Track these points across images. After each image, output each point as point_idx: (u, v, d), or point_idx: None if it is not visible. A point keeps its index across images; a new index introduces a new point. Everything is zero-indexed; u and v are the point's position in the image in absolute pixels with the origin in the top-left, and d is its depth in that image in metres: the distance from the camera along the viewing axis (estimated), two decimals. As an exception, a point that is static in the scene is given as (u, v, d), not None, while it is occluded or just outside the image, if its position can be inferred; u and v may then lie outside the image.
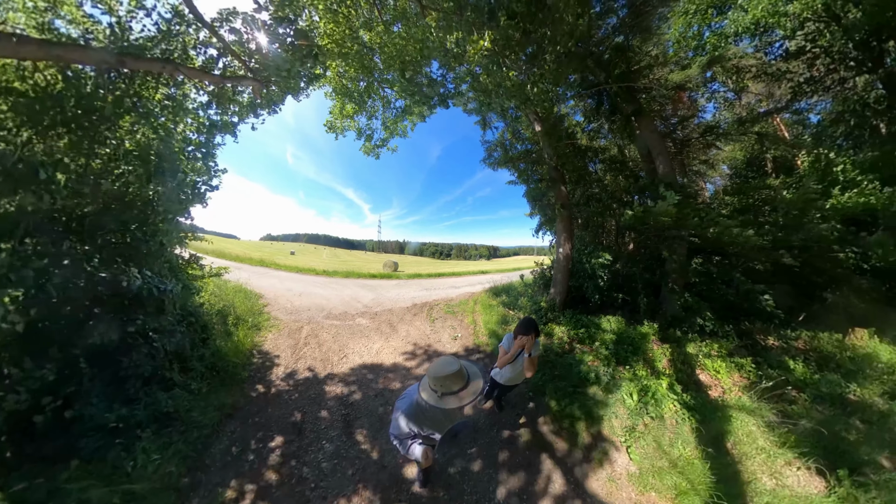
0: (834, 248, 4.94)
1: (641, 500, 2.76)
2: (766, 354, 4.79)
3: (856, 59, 6.16)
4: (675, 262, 5.73)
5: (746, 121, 6.72)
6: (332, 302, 7.89)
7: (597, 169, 8.31)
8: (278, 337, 5.42)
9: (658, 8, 5.56)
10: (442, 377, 1.76)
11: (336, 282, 11.85)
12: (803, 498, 2.68)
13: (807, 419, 3.42)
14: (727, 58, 6.14)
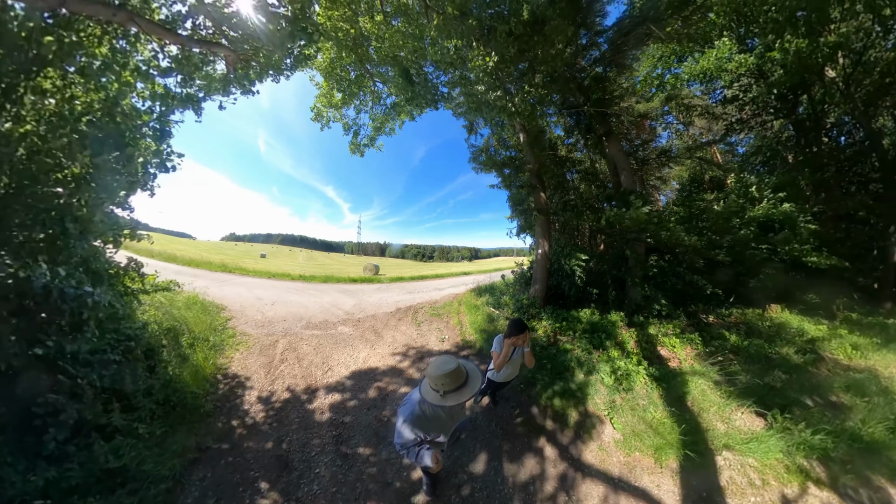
0: (752, 246, 5.89)
1: (629, 461, 2.91)
2: (709, 329, 5.53)
3: (775, 107, 7.73)
4: (636, 260, 6.35)
5: (692, 148, 8.04)
6: (310, 310, 6.90)
7: (573, 178, 8.72)
8: (248, 356, 4.43)
9: (633, 49, 6.29)
10: (442, 375, 1.68)
11: (314, 287, 10.39)
12: (750, 435, 3.15)
13: (743, 375, 4.02)
14: (681, 97, 7.19)
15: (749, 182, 6.67)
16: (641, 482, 2.70)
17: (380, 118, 6.14)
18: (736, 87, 7.62)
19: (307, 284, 11.15)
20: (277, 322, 5.92)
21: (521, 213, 8.16)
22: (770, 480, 2.67)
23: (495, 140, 8.18)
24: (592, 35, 6.30)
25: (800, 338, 5.27)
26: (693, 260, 6.14)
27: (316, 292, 9.37)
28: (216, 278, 10.36)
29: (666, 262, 6.90)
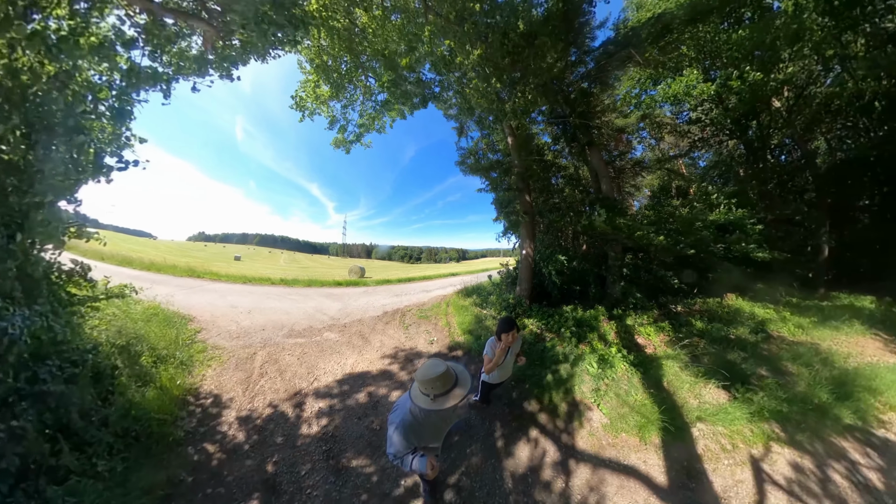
0: (711, 245, 6.42)
1: (617, 441, 2.98)
2: (678, 318, 5.90)
3: (730, 129, 8.68)
4: (615, 259, 6.60)
5: (661, 160, 8.77)
6: (293, 316, 6.28)
7: (558, 182, 8.82)
8: (222, 372, 3.83)
9: (615, 70, 6.70)
10: (431, 379, 1.59)
11: (297, 292, 9.33)
12: (718, 407, 3.42)
13: (708, 356, 4.38)
14: (654, 116, 7.78)
15: (708, 191, 7.37)
16: (630, 460, 2.76)
17: (369, 114, 5.57)
18: (699, 110, 8.66)
19: (289, 289, 9.94)
20: (255, 332, 5.22)
21: (507, 215, 7.98)
22: (739, 444, 2.94)
23: (484, 143, 7.98)
24: (581, 53, 6.56)
25: (752, 320, 5.86)
26: (663, 258, 6.66)
27: (299, 297, 8.49)
28: (182, 284, 8.87)
29: (640, 261, 7.39)
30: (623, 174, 8.82)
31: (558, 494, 2.40)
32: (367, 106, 5.53)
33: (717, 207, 6.85)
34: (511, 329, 2.42)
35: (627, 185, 9.16)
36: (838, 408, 3.47)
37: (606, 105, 7.75)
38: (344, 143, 5.80)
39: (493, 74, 4.57)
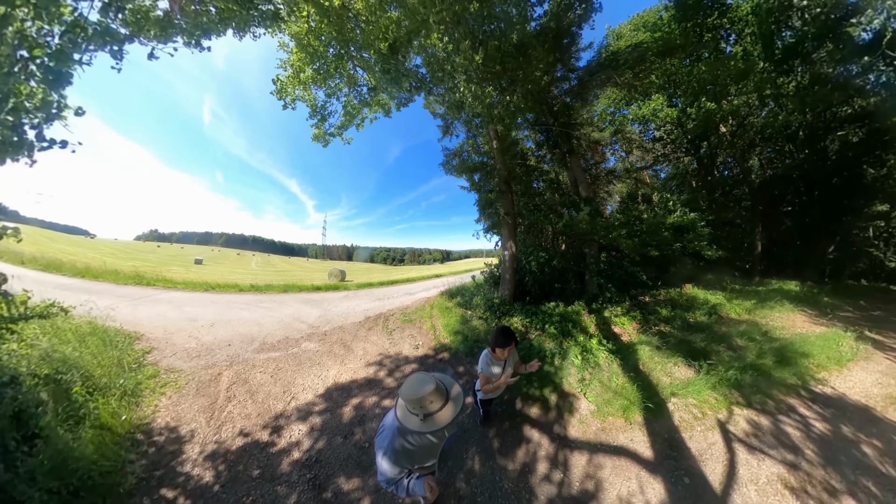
0: (670, 244, 7.08)
1: (605, 425, 3.03)
2: (646, 307, 6.30)
3: (686, 148, 9.93)
4: (591, 257, 6.91)
5: (630, 171, 9.66)
6: (265, 327, 5.47)
7: (540, 186, 9.00)
8: (180, 400, 3.15)
9: (595, 88, 7.18)
10: (420, 398, 1.33)
11: (271, 299, 8.07)
12: (687, 381, 3.70)
13: (673, 339, 4.79)
14: (625, 132, 8.45)
15: (667, 198, 8.14)
16: (618, 441, 2.82)
17: (354, 107, 5.03)
18: (662, 130, 10.04)
19: (261, 296, 8.47)
20: (219, 348, 4.40)
21: (489, 216, 7.88)
22: (707, 412, 3.23)
23: (470, 145, 7.70)
24: (566, 70, 6.93)
25: (706, 306, 6.53)
26: (632, 255, 7.21)
27: (273, 305, 7.36)
28: (127, 294, 7.21)
29: (613, 258, 7.91)
30: (598, 181, 9.44)
31: (558, 485, 2.35)
32: (352, 97, 4.97)
33: (674, 212, 7.60)
34: (509, 343, 2.10)
35: (602, 191, 9.80)
36: (781, 371, 4.00)
37: (585, 119, 8.27)
38: (323, 136, 5.24)
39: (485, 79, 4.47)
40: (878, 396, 3.74)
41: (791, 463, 2.61)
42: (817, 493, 2.33)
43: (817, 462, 2.63)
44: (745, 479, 2.40)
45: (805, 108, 7.93)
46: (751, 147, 9.97)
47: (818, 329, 5.75)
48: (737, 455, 2.65)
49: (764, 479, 2.43)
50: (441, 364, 4.32)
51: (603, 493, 2.26)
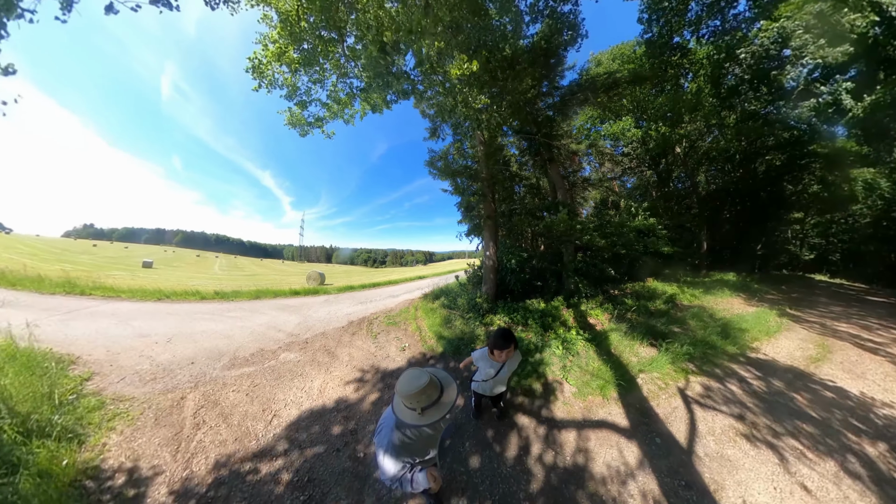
0: (635, 244, 7.83)
1: (586, 404, 3.18)
2: (616, 299, 6.80)
3: (648, 163, 11.62)
4: (569, 257, 7.27)
5: (602, 180, 10.57)
6: (235, 339, 4.74)
7: (521, 190, 9.23)
8: (135, 434, 2.55)
9: (575, 105, 7.72)
10: (416, 393, 1.33)
11: (240, 307, 6.98)
12: (651, 359, 4.09)
13: (638, 324, 5.25)
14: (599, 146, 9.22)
15: (632, 205, 9.02)
16: (598, 416, 3.00)
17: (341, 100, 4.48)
18: (629, 147, 11.59)
19: (229, 304, 7.23)
20: (181, 368, 3.67)
21: (471, 219, 7.78)
22: (668, 382, 3.61)
23: (456, 148, 7.68)
24: (551, 87, 7.36)
25: (664, 295, 7.29)
26: (603, 254, 7.82)
27: (243, 314, 6.37)
28: (55, 307, 5.79)
29: (588, 258, 8.53)
30: (574, 188, 10.07)
31: (551, 462, 2.43)
32: (340, 87, 4.32)
33: (637, 217, 8.46)
34: (507, 345, 2.03)
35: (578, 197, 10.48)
36: (724, 344, 4.69)
37: (565, 131, 8.81)
38: (301, 123, 4.47)
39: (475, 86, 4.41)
40: (800, 358, 4.56)
41: (739, 415, 3.06)
42: (762, 436, 2.76)
43: (759, 412, 3.11)
44: (703, 433, 2.77)
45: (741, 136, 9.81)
46: (699, 165, 12.18)
47: (751, 309, 6.77)
48: (695, 414, 3.04)
49: (719, 430, 2.83)
50: (429, 364, 4.18)
51: (591, 463, 2.41)
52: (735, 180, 12.01)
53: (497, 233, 6.73)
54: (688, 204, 12.29)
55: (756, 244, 13.20)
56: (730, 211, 12.64)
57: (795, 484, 2.28)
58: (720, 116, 8.54)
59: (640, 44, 7.93)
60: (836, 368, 4.28)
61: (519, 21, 5.10)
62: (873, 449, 2.69)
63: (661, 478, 2.24)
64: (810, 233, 15.63)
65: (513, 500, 2.08)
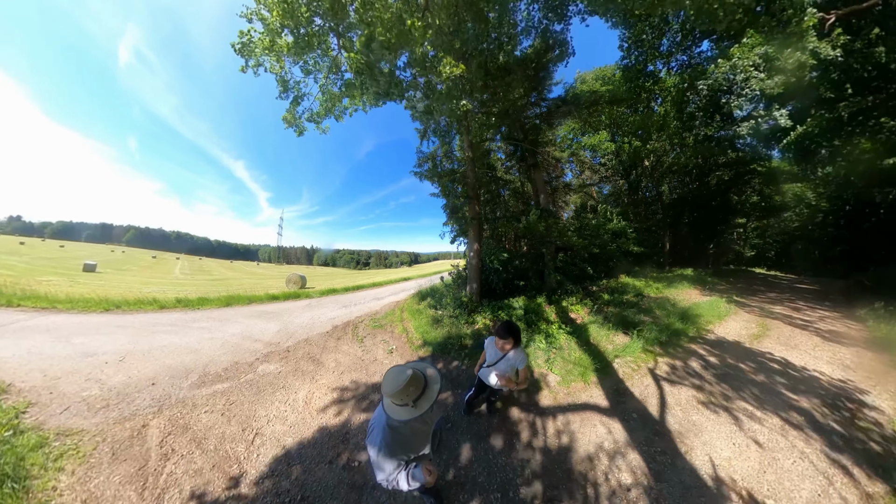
0: (610, 244, 8.52)
1: (569, 391, 3.33)
2: (593, 295, 7.17)
3: (622, 173, 12.89)
4: (550, 256, 7.38)
5: (582, 186, 11.46)
6: (204, 353, 4.13)
7: (505, 194, 9.44)
8: (90, 473, 2.10)
9: (559, 117, 8.13)
10: (402, 389, 1.31)
11: (209, 316, 6.13)
12: (625, 345, 4.43)
13: (613, 316, 5.64)
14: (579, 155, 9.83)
15: (608, 210, 9.69)
16: (581, 399, 3.15)
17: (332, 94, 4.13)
18: (605, 158, 13.08)
19: (195, 313, 6.29)
20: (139, 390, 3.10)
21: (457, 221, 7.60)
22: (640, 364, 3.94)
23: (443, 151, 7.57)
24: (539, 98, 7.69)
25: (634, 290, 7.86)
26: (582, 254, 8.32)
27: (213, 323, 5.61)
28: None
29: (568, 257, 8.99)
30: (556, 192, 10.60)
31: (541, 446, 2.51)
32: (331, 81, 4.03)
33: (612, 221, 9.12)
34: (507, 337, 2.03)
35: (560, 201, 11.04)
36: (685, 328, 5.24)
37: (550, 139, 9.27)
38: (296, 122, 4.24)
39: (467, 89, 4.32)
40: (745, 336, 5.22)
41: (699, 386, 3.45)
42: (718, 401, 3.16)
43: (715, 382, 3.55)
44: (671, 404, 3.10)
45: (698, 155, 11.30)
46: (663, 177, 13.57)
47: (705, 298, 7.58)
48: (664, 389, 3.39)
49: (684, 401, 3.17)
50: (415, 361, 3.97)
51: (578, 442, 2.53)
52: (692, 191, 13.87)
53: (482, 234, 6.80)
54: (654, 210, 13.87)
55: (709, 244, 15.46)
56: (688, 216, 14.28)
57: (749, 439, 2.60)
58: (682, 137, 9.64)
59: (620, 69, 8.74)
60: (774, 342, 4.94)
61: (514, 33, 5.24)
62: (808, 403, 3.17)
63: (640, 447, 2.45)
64: (751, 235, 18.55)
65: (511, 487, 2.09)
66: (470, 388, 2.82)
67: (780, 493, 2.09)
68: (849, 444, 2.56)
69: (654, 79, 8.29)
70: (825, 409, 3.09)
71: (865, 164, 7.66)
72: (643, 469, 2.23)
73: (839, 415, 2.99)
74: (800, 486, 2.16)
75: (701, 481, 2.15)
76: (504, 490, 2.08)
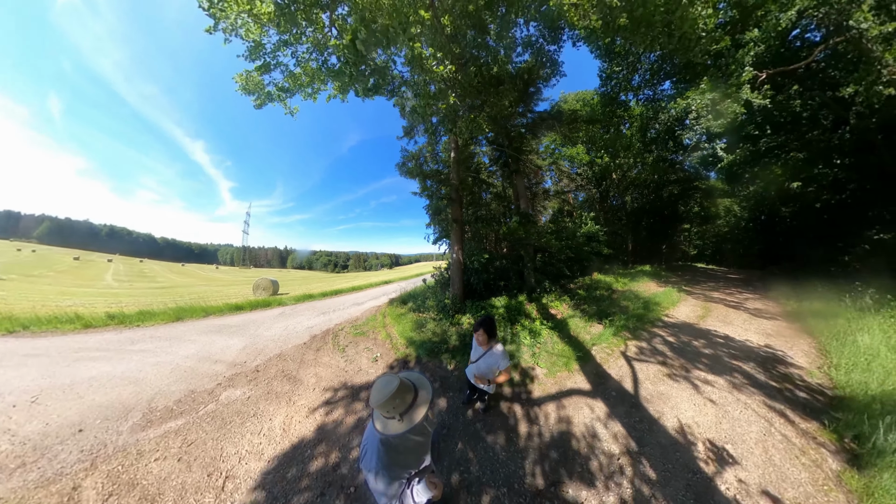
0: (583, 246, 9.26)
1: (555, 380, 3.46)
2: (571, 291, 7.58)
3: (594, 183, 14.63)
4: (529, 257, 7.55)
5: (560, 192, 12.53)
6: (148, 384, 3.36)
7: (487, 197, 9.52)
8: None
9: (543, 129, 8.68)
10: (390, 399, 1.19)
11: (153, 335, 5.09)
12: (600, 334, 4.86)
13: (589, 309, 6.12)
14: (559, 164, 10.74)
15: (582, 215, 10.60)
16: (567, 387, 3.31)
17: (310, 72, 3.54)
18: (581, 169, 15.04)
19: (133, 333, 5.16)
20: (62, 441, 2.41)
21: (439, 222, 7.50)
22: (614, 349, 4.37)
23: (429, 151, 7.37)
24: (526, 110, 8.07)
25: (606, 285, 8.68)
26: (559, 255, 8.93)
27: (159, 344, 4.62)
28: None
29: (546, 258, 9.47)
30: (536, 197, 11.23)
31: (537, 434, 2.58)
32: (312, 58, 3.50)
33: (586, 225, 9.97)
34: (478, 329, 2.12)
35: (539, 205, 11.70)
36: (647, 314, 6.00)
37: (533, 148, 9.84)
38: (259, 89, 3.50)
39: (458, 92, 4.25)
40: (693, 317, 6.18)
41: (662, 361, 3.97)
42: (678, 371, 3.67)
43: (675, 357, 4.10)
44: (642, 379, 3.51)
45: (654, 172, 14.23)
46: (627, 189, 16.24)
47: (662, 289, 8.85)
48: (635, 368, 3.81)
49: (652, 375, 3.61)
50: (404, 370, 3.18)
51: (569, 425, 2.68)
52: (650, 201, 16.66)
53: (463, 236, 6.63)
54: (620, 216, 16.19)
55: (662, 245, 18.96)
56: (646, 222, 17.05)
57: (706, 399, 3.07)
58: (643, 156, 12.02)
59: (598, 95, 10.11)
60: (715, 321, 5.90)
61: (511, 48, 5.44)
62: (746, 366, 3.82)
63: (621, 419, 2.73)
64: (694, 237, 23.37)
65: (515, 479, 2.10)
66: (466, 389, 2.89)
67: (735, 438, 2.50)
68: (780, 394, 3.14)
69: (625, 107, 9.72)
70: (759, 368, 3.74)
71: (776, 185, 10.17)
72: (626, 437, 2.49)
73: (770, 372, 3.63)
74: (748, 430, 2.60)
75: (674, 439, 2.48)
76: (510, 483, 2.06)
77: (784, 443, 2.45)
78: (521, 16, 4.73)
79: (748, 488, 2.03)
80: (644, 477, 2.11)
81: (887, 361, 3.34)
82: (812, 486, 2.05)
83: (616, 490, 2.01)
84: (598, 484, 2.05)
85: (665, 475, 2.14)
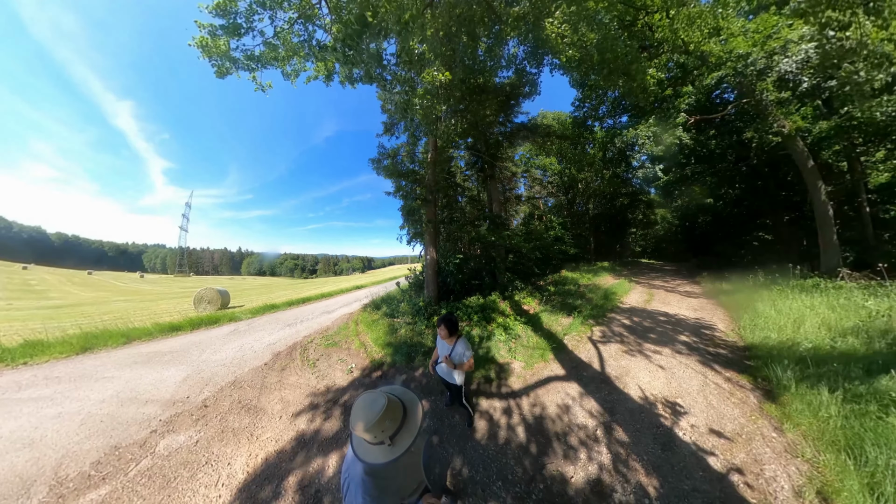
0: (553, 248, 10.11)
1: (533, 372, 3.53)
2: (541, 288, 7.81)
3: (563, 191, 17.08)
4: (500, 258, 7.74)
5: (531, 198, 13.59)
6: (50, 445, 2.41)
7: (462, 200, 9.57)
8: None
9: (520, 139, 9.23)
10: (378, 421, 0.94)
11: (50, 374, 3.75)
12: (569, 325, 5.15)
13: (559, 303, 6.49)
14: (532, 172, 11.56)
15: (552, 219, 11.63)
16: (544, 375, 3.45)
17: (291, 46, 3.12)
18: (552, 178, 16.93)
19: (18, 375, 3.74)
20: None
21: (413, 224, 7.21)
22: (583, 336, 4.70)
23: (406, 150, 7.10)
24: (505, 119, 8.36)
25: (572, 280, 9.41)
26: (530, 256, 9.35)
27: (58, 388, 3.40)
28: None
29: (517, 258, 8.87)
30: (509, 202, 11.83)
31: (521, 424, 2.64)
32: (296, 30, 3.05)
33: (553, 228, 10.83)
34: (440, 325, 2.21)
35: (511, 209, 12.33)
36: (607, 304, 6.80)
37: (509, 156, 10.43)
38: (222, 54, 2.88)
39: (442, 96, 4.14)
40: (641, 301, 7.31)
41: (621, 341, 4.50)
42: (635, 348, 4.19)
43: (630, 336, 4.71)
44: (607, 357, 3.91)
45: (611, 186, 17.23)
46: (590, 198, 18.52)
47: (617, 281, 10.22)
48: (600, 350, 4.22)
49: (614, 353, 4.06)
50: (383, 381, 3.59)
51: (549, 409, 2.83)
52: (607, 209, 20.16)
53: (437, 237, 6.57)
54: (584, 220, 18.46)
55: (616, 245, 23.56)
56: (604, 226, 20.71)
57: (656, 366, 3.58)
58: (603, 172, 14.19)
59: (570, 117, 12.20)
60: (658, 303, 7.01)
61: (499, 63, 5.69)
62: (685, 336, 4.59)
63: (593, 395, 2.99)
64: (639, 239, 28.89)
65: (508, 470, 2.12)
66: (446, 391, 2.87)
67: (682, 393, 3.02)
68: (711, 354, 3.88)
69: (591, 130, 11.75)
70: (694, 337, 4.58)
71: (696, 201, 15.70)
72: (599, 410, 2.75)
73: (700, 338, 4.51)
74: (691, 384, 3.15)
75: (638, 404, 2.84)
76: (503, 476, 2.06)
77: (717, 389, 3.02)
78: (513, 35, 4.88)
79: (699, 430, 2.46)
80: (619, 441, 2.35)
81: (777, 321, 4.31)
82: (743, 418, 2.56)
83: (597, 458, 2.19)
84: (581, 456, 2.23)
85: (636, 434, 2.42)
